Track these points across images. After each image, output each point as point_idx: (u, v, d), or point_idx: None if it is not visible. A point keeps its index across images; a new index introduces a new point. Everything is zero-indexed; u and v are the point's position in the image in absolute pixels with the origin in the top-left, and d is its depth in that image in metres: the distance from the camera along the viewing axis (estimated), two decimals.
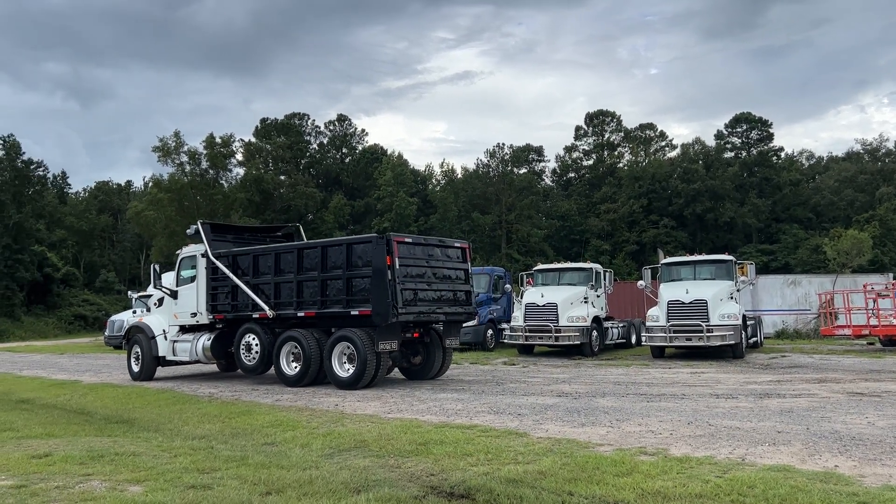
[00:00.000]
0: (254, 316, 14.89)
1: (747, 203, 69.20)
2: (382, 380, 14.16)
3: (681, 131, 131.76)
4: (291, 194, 69.76)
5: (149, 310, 18.03)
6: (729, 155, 76.47)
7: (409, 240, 13.92)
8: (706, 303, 18.73)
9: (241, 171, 65.82)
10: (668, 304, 19.18)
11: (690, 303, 18.93)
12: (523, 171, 78.69)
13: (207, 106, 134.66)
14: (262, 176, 67.62)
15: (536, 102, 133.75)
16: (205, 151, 56.90)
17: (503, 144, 77.71)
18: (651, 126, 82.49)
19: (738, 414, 9.45)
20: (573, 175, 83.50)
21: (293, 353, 14.21)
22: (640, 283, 21.99)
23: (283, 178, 73.07)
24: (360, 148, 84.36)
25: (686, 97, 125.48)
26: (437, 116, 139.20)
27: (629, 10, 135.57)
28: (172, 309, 16.60)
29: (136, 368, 16.74)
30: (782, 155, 77.55)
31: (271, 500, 5.63)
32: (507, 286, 26.05)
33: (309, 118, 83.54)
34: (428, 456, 7.22)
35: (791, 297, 30.15)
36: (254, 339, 14.82)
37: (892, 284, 25.94)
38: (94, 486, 6.09)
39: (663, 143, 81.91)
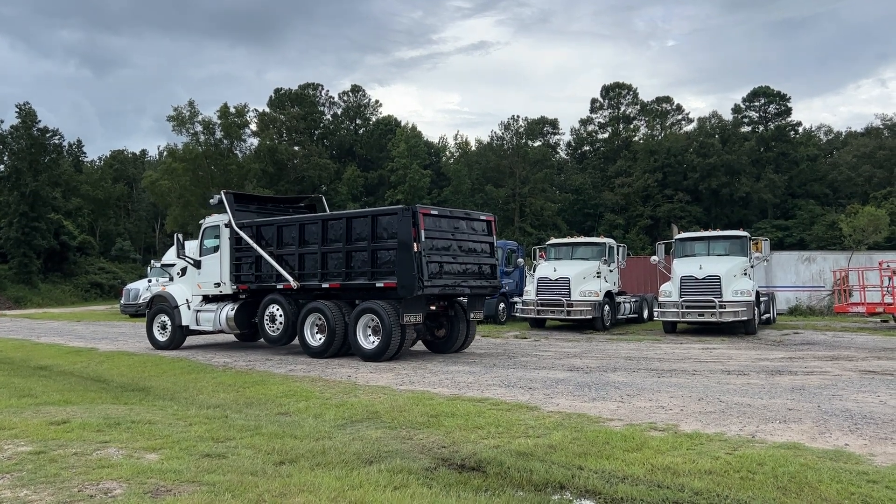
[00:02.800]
0: (278, 287, 14.96)
1: (763, 178, 68.52)
2: (406, 352, 14.17)
3: (697, 105, 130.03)
4: (305, 165, 69.83)
5: (171, 279, 17.89)
6: (746, 129, 75.58)
7: (435, 212, 13.74)
8: (719, 279, 18.65)
9: (255, 141, 65.83)
10: (682, 279, 19.12)
11: (704, 278, 18.85)
12: (537, 143, 78.25)
13: (222, 75, 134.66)
14: (276, 146, 67.60)
15: (552, 74, 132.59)
16: (219, 121, 56.88)
17: (517, 117, 77.19)
18: (667, 99, 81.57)
19: (749, 391, 9.46)
20: (588, 148, 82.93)
21: (317, 325, 14.24)
22: (654, 258, 21.91)
23: (296, 148, 73.07)
24: (373, 119, 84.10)
25: (703, 70, 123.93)
26: (452, 87, 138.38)
27: None
28: (196, 279, 16.66)
29: (161, 338, 16.80)
30: (800, 130, 76.54)
31: (285, 470, 5.71)
32: (520, 260, 26.04)
33: (323, 88, 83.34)
34: (439, 428, 7.29)
35: (805, 274, 29.94)
36: (278, 309, 14.88)
37: None
38: (111, 454, 6.21)
39: (679, 117, 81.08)
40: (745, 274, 19.48)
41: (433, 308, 14.17)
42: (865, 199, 58.19)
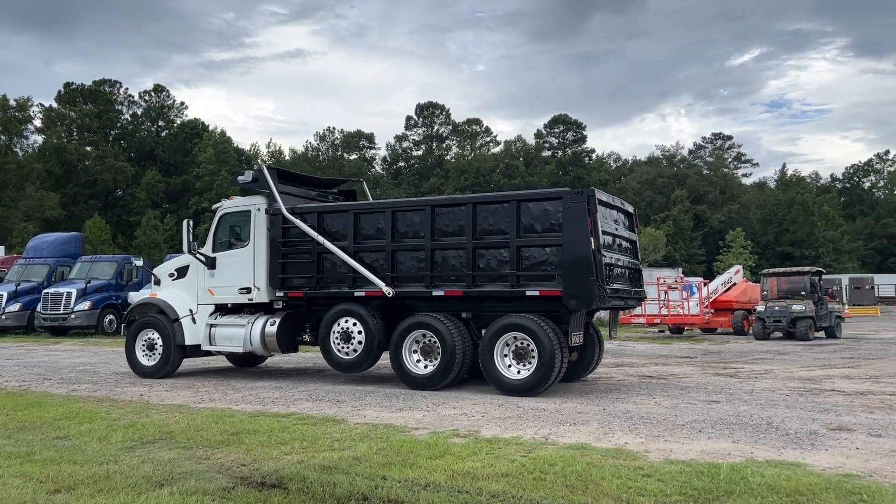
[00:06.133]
0: (356, 294, 11.51)
1: None
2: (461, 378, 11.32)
3: (505, 128, 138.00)
4: (99, 167, 64.43)
5: (157, 283, 13.60)
6: (547, 153, 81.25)
7: (605, 198, 10.72)
8: None
9: (39, 138, 59.66)
10: None
11: None
12: (354, 157, 78.56)
13: (1, 64, 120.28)
14: (65, 146, 61.75)
15: (368, 88, 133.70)
16: None
17: (334, 128, 77.10)
18: (477, 121, 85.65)
19: (545, 396, 10.06)
20: (403, 164, 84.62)
21: (421, 345, 10.98)
22: None
23: (88, 149, 67.18)
24: (178, 121, 79.61)
25: (510, 95, 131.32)
26: (265, 94, 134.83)
27: (461, 5, 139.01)
28: (205, 282, 12.74)
29: (147, 361, 12.77)
30: (593, 156, 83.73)
31: (60, 499, 5.16)
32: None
33: (121, 86, 77.54)
34: (240, 446, 6.97)
35: None
36: (355, 324, 11.36)
37: (681, 278, 28.94)
38: None
39: (488, 139, 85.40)
40: None
41: None
42: (647, 221, 64.72)
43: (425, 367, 10.83)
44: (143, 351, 12.87)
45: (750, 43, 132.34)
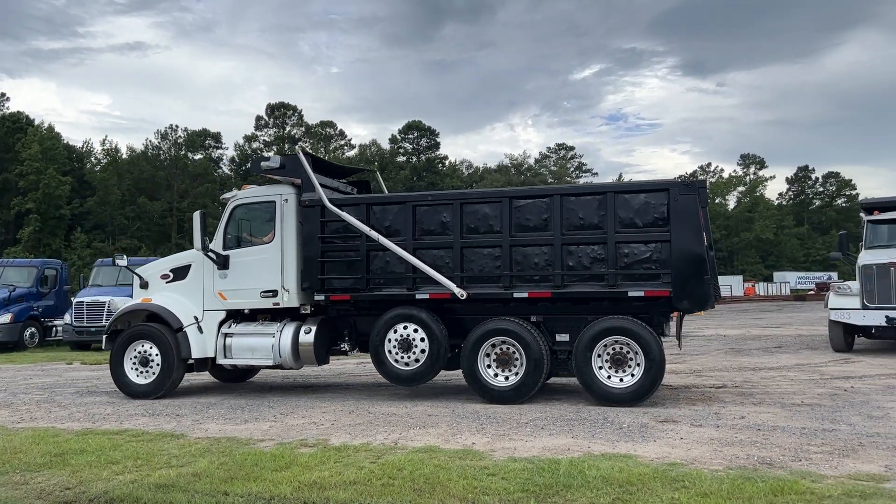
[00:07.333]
0: (418, 296, 10.15)
1: None
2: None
3: (359, 132, 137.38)
4: None
5: (143, 285, 11.53)
6: (402, 159, 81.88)
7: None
8: None
9: None
10: None
11: None
12: (199, 156, 75.05)
13: None
14: None
15: (215, 86, 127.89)
16: None
17: (176, 126, 73.23)
18: (331, 124, 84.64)
19: (396, 400, 10.10)
20: None
21: (497, 350, 9.80)
22: None
23: None
24: None
25: (365, 99, 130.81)
26: (100, 88, 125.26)
27: (314, 5, 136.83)
28: (214, 285, 11.00)
29: (139, 379, 10.90)
30: (447, 163, 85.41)
31: None
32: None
33: None
34: (64, 468, 6.42)
35: None
36: (416, 330, 10.06)
37: None
38: None
39: (343, 142, 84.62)
40: None
41: None
42: None
43: (496, 376, 9.79)
44: (134, 367, 10.98)
45: (591, 59, 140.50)
